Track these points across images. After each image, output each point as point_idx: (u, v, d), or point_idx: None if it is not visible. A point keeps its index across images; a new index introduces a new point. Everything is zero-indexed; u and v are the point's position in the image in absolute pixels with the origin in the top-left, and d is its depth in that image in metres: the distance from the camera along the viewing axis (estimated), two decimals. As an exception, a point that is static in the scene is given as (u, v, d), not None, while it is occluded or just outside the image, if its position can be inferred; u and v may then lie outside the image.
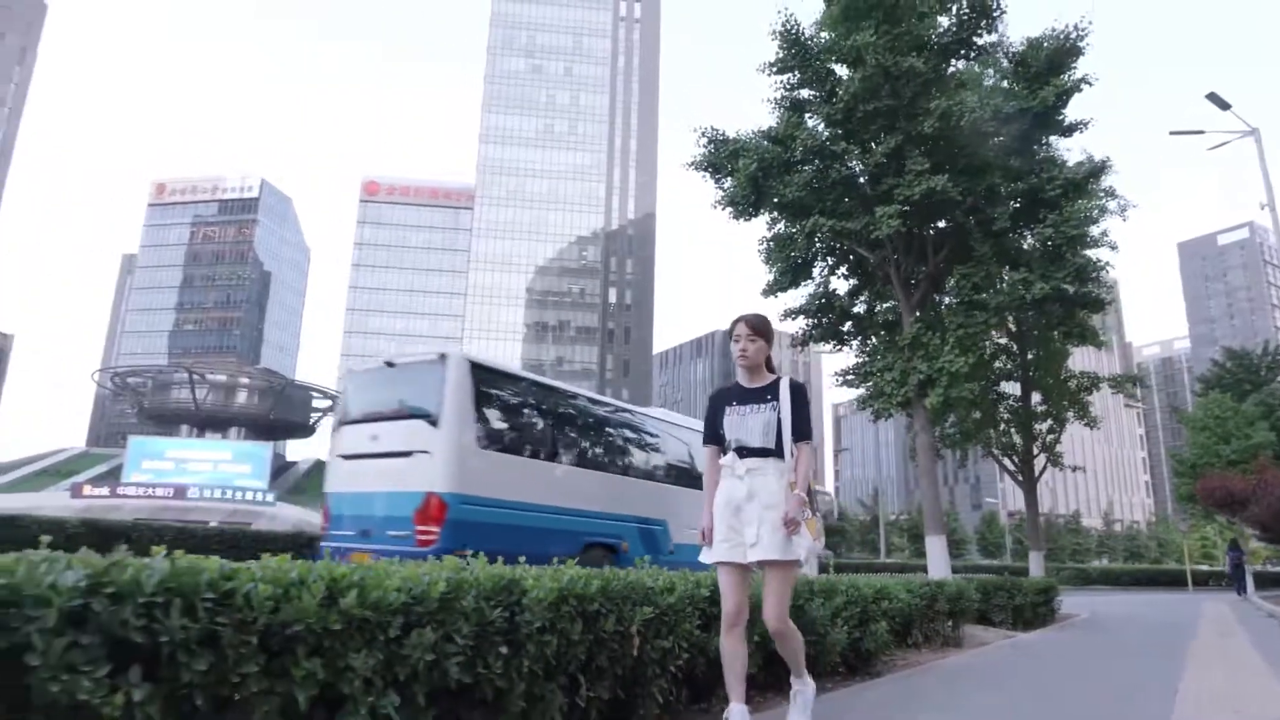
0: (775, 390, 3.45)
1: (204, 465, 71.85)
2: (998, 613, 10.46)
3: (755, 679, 4.39)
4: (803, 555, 3.23)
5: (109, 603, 1.73)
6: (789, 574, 3.28)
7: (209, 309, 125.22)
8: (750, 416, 3.42)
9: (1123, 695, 4.97)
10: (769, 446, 3.37)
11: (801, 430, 3.39)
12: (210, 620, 1.89)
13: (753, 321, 3.54)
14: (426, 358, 8.05)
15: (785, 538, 3.20)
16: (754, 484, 3.32)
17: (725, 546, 3.29)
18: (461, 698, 2.54)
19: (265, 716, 1.97)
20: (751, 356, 3.52)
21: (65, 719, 1.63)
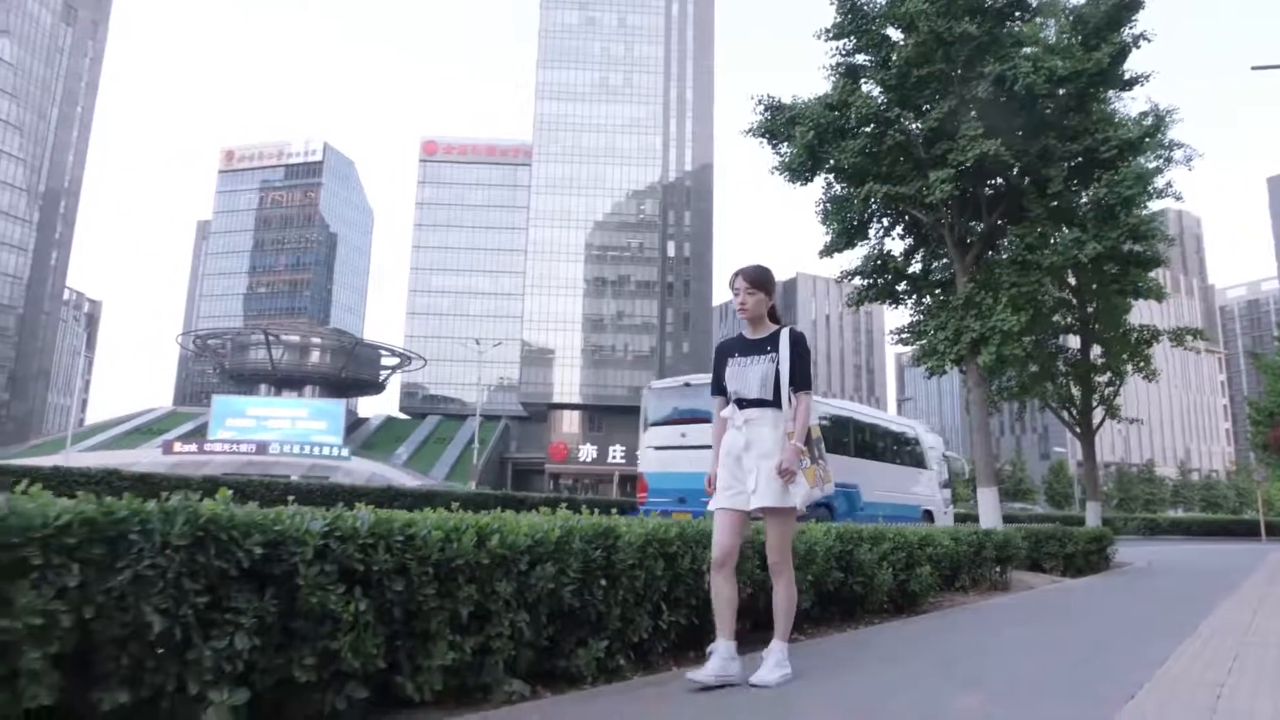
0: (775, 341, 3.52)
1: (283, 422, 75.20)
2: (1048, 560, 10.91)
3: (809, 613, 5.05)
4: (799, 503, 3.34)
5: (339, 542, 2.46)
6: (786, 520, 3.39)
7: (280, 272, 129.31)
8: (750, 368, 3.50)
9: (1142, 629, 5.49)
10: (766, 397, 3.44)
11: (800, 380, 3.47)
12: (401, 555, 2.61)
13: (750, 275, 3.60)
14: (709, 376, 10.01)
15: (782, 486, 3.30)
16: (751, 434, 3.43)
17: (728, 495, 3.41)
18: (573, 618, 3.26)
19: (438, 625, 2.70)
20: (751, 309, 3.60)
21: (318, 620, 2.37)
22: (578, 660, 3.24)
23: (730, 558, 3.35)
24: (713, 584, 3.37)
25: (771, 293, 3.63)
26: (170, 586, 2.06)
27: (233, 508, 2.26)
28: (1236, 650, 4.47)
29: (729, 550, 3.34)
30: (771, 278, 3.66)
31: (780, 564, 3.43)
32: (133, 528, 2.03)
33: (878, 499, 12.81)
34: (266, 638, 2.27)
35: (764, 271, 3.65)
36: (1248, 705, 3.07)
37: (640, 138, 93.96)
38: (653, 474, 12.20)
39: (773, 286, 3.64)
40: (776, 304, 3.68)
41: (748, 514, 3.43)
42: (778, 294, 3.68)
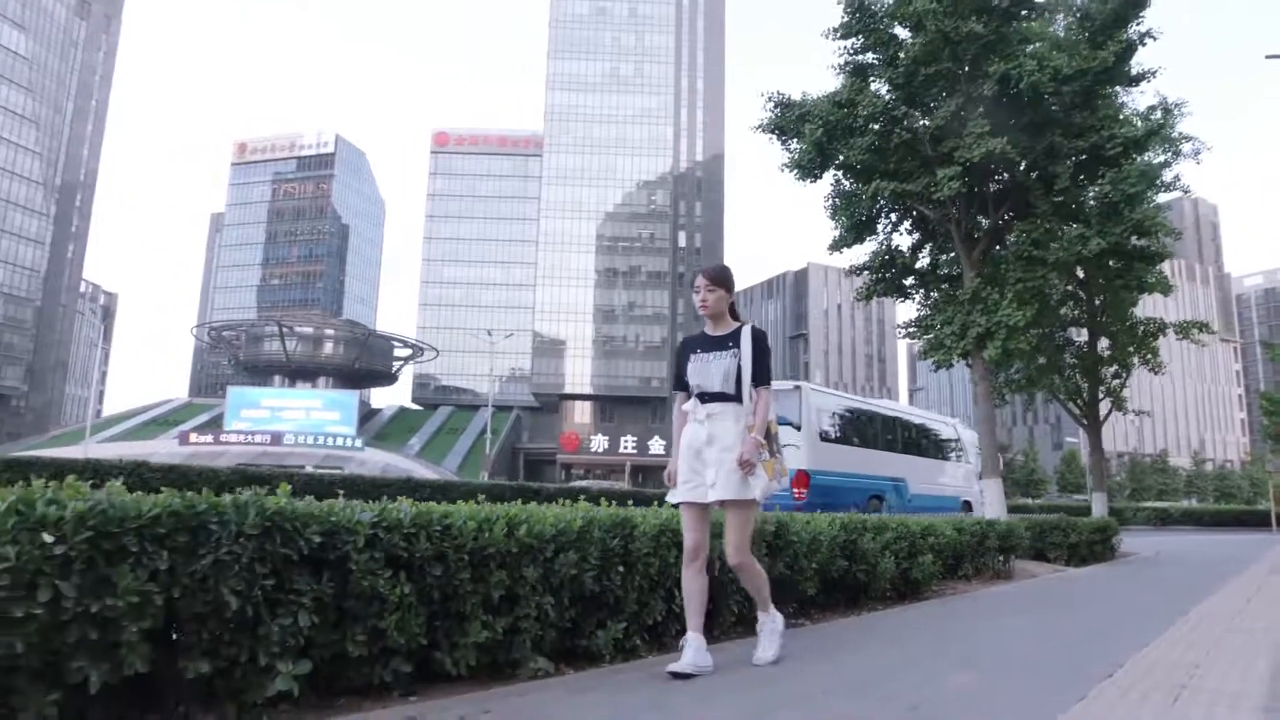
0: (737, 338, 3.61)
1: (297, 413, 75.85)
2: (1053, 550, 11.12)
3: (815, 599, 5.32)
4: (758, 495, 3.43)
5: (386, 532, 2.74)
6: (746, 513, 3.47)
7: (292, 263, 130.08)
8: (712, 363, 3.58)
9: (1137, 616, 5.72)
10: (728, 392, 3.53)
11: (760, 376, 3.56)
12: (440, 544, 2.89)
13: (711, 273, 3.71)
14: (785, 386, 12.83)
15: (741, 478, 3.38)
16: (713, 428, 3.51)
17: (687, 488, 3.50)
18: (593, 601, 3.54)
19: (472, 606, 2.98)
20: (712, 306, 3.67)
21: (368, 601, 2.65)
22: (597, 640, 3.52)
23: (702, 550, 3.46)
24: (684, 577, 3.47)
25: (731, 290, 3.73)
26: (244, 570, 2.34)
27: (294, 501, 2.54)
28: (1220, 635, 4.71)
29: (699, 543, 3.45)
30: (731, 276, 3.76)
31: (742, 556, 3.48)
32: (212, 519, 2.31)
33: (923, 491, 14.38)
34: (324, 616, 2.55)
35: (724, 270, 3.77)
36: (1217, 684, 3.32)
37: (651, 128, 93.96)
38: None
39: (732, 284, 3.74)
40: (736, 301, 3.76)
41: (708, 507, 3.49)
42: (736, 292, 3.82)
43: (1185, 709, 2.86)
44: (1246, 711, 2.82)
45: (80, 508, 2.07)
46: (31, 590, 1.98)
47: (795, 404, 12.64)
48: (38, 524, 2.02)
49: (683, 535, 3.54)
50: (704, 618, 3.42)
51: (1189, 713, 2.80)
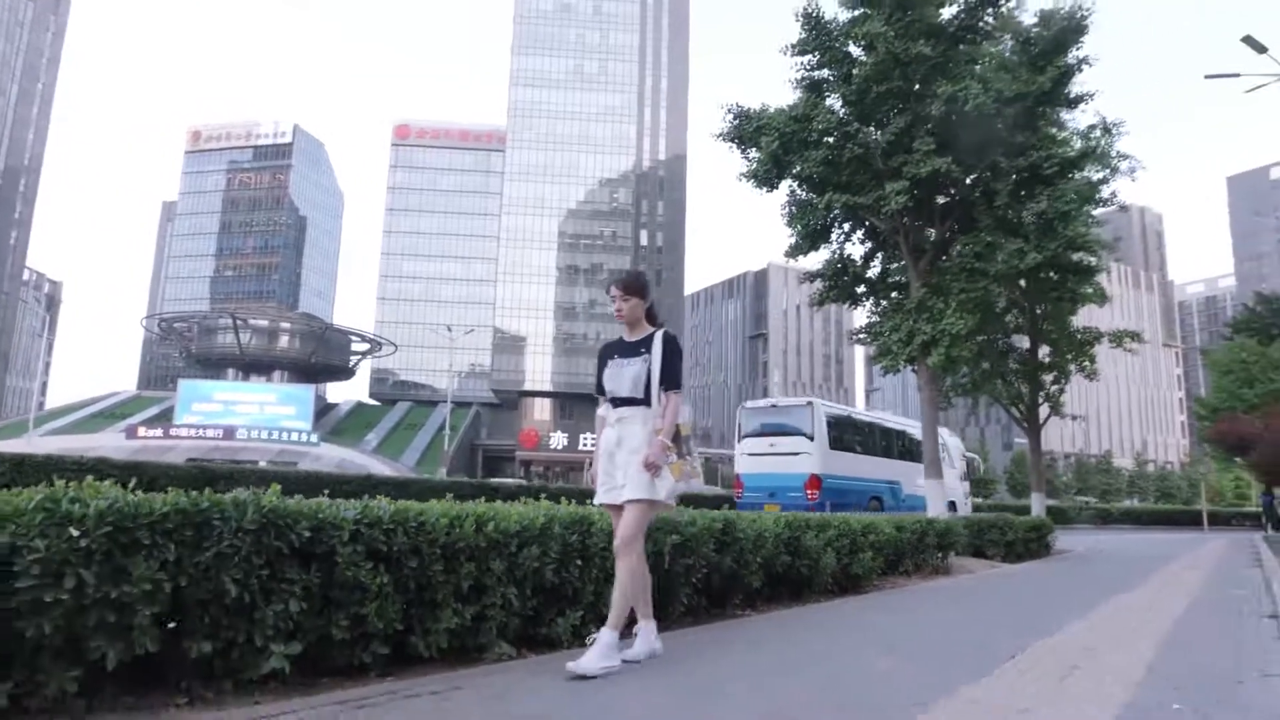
0: (650, 343, 3.70)
1: (251, 407, 74.54)
2: (991, 547, 11.69)
3: (760, 591, 5.69)
4: (663, 495, 3.52)
5: (368, 528, 3.03)
6: (644, 510, 3.53)
7: (248, 255, 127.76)
8: (625, 369, 3.68)
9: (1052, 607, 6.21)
10: (637, 396, 3.63)
11: (670, 380, 3.65)
12: (415, 538, 3.19)
13: (624, 282, 3.81)
14: (799, 402, 16.03)
15: (648, 479, 3.47)
16: (623, 431, 3.64)
17: (604, 490, 3.64)
18: (553, 592, 3.86)
19: (444, 595, 3.29)
20: (627, 314, 3.78)
21: (351, 590, 2.95)
22: (557, 628, 3.85)
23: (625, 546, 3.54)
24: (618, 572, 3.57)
25: (646, 297, 3.82)
26: (242, 561, 2.62)
27: (286, 500, 2.83)
28: (1123, 624, 5.19)
29: None
30: (645, 283, 3.86)
31: (624, 547, 3.50)
32: (215, 515, 2.59)
33: (914, 492, 16.20)
34: (311, 603, 2.84)
35: (638, 277, 3.88)
36: (1105, 664, 3.75)
37: (614, 126, 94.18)
38: (748, 475, 16.03)
39: (647, 291, 3.83)
40: (654, 306, 3.86)
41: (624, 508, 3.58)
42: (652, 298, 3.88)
43: (1070, 684, 3.28)
44: (1121, 686, 3.25)
45: (100, 505, 2.34)
46: (58, 578, 2.25)
47: (808, 417, 15.11)
48: (64, 519, 2.28)
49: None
50: (652, 604, 3.60)
51: (1072, 687, 3.22)
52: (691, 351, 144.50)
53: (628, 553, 3.47)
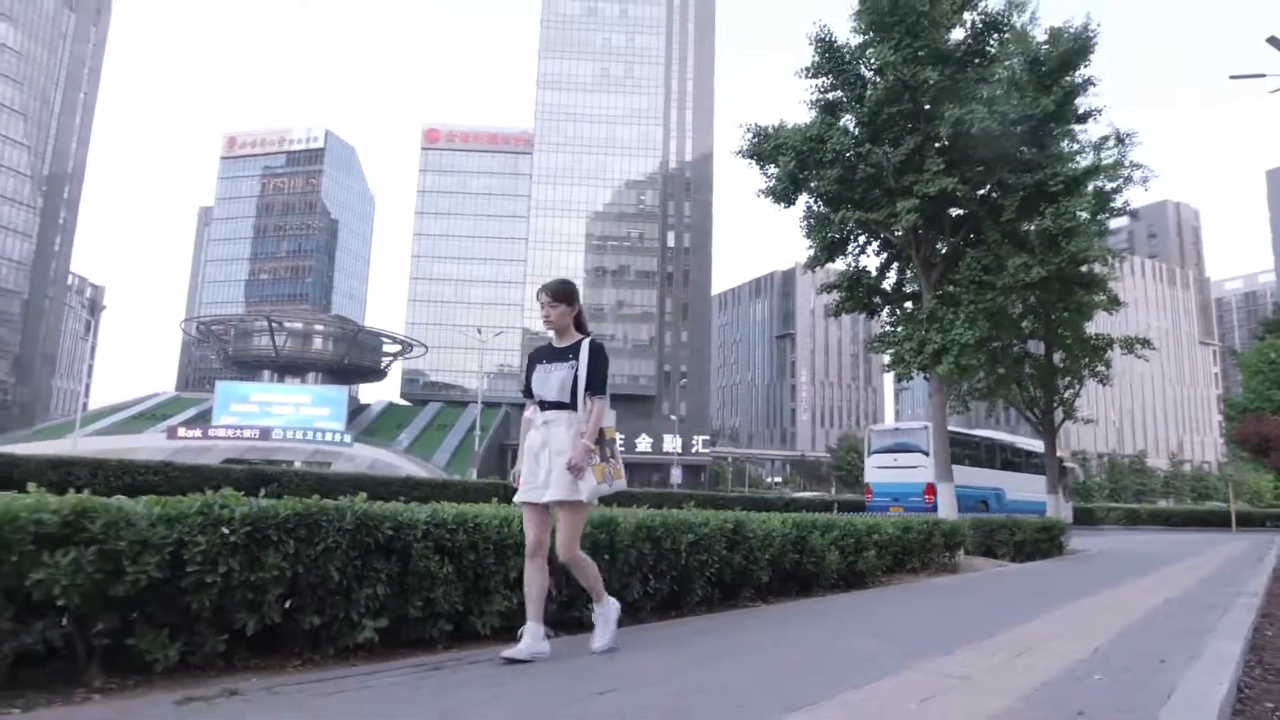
0: (577, 350, 3.87)
1: (286, 408, 76.23)
2: (1000, 547, 12.20)
3: (770, 586, 6.33)
4: (585, 496, 3.68)
5: (436, 527, 3.74)
6: (575, 513, 3.72)
7: (281, 258, 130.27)
8: (552, 374, 3.85)
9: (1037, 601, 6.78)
10: (563, 400, 3.80)
11: (595, 386, 3.81)
12: (472, 536, 3.90)
13: (552, 289, 3.97)
14: (917, 425, 20.19)
15: (571, 481, 3.64)
16: (548, 434, 3.80)
17: (526, 489, 3.78)
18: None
19: (495, 583, 3.99)
20: (555, 321, 3.95)
21: (423, 578, 3.65)
22: (587, 614, 4.52)
23: (541, 548, 3.72)
24: (525, 572, 3.74)
25: (573, 304, 3.99)
26: (342, 554, 3.34)
27: (373, 505, 3.54)
28: (1098, 614, 5.77)
29: (538, 541, 3.71)
30: (573, 291, 4.03)
31: (569, 553, 3.74)
32: (323, 517, 3.31)
33: (1016, 498, 20.63)
34: (393, 588, 3.56)
35: (565, 285, 4.02)
36: (1062, 644, 4.36)
37: (641, 128, 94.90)
38: (876, 484, 20.67)
39: (574, 299, 4.00)
40: (582, 314, 4.05)
41: (546, 507, 3.76)
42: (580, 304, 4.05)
43: (1018, 661, 3.90)
44: (1062, 663, 3.86)
45: (243, 510, 3.07)
46: (214, 565, 2.98)
47: (924, 437, 18.93)
48: (217, 521, 3.01)
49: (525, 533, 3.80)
50: (543, 609, 3.69)
51: (1018, 663, 3.85)
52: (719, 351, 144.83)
53: (573, 556, 3.76)
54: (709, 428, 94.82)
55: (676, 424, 79.68)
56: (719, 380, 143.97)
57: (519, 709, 2.79)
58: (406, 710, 2.73)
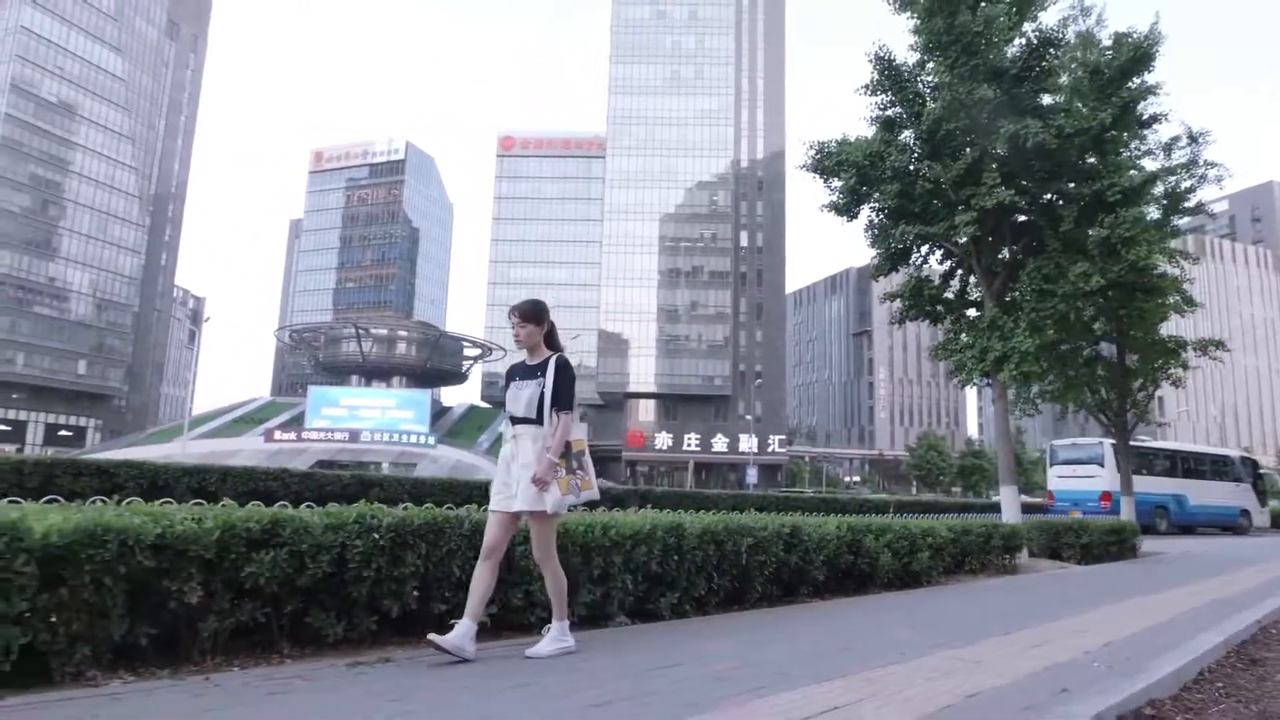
0: (546, 367, 4.10)
1: (373, 411, 79.38)
2: (1066, 549, 12.43)
3: (826, 584, 6.97)
4: (550, 508, 3.89)
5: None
6: (544, 522, 3.95)
7: (367, 266, 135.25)
8: (523, 390, 4.08)
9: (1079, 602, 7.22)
10: (530, 415, 4.02)
11: (561, 402, 4.01)
12: (562, 539, 4.70)
13: (521, 310, 4.20)
14: (1094, 441, 24.19)
15: (536, 493, 3.86)
16: (517, 447, 4.03)
17: (497, 498, 4.02)
18: (657, 579, 5.31)
19: (582, 579, 4.79)
20: (525, 340, 4.19)
21: (522, 574, 4.47)
22: (660, 606, 5.29)
23: (495, 551, 3.93)
24: (476, 571, 3.93)
25: (542, 323, 4.21)
26: (461, 554, 4.19)
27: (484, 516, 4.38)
28: (1133, 614, 6.23)
29: (494, 545, 3.93)
30: (542, 310, 4.25)
31: (543, 559, 4.02)
32: (446, 525, 4.16)
33: (1201, 503, 23.82)
34: (501, 584, 4.38)
35: (534, 306, 4.25)
36: (1082, 639, 4.91)
37: (712, 129, 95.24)
38: (1058, 490, 24.14)
39: (543, 318, 4.21)
40: (554, 331, 4.28)
41: (514, 516, 3.99)
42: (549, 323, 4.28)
43: (1032, 651, 4.48)
44: (1070, 654, 4.43)
45: (389, 520, 3.94)
46: (368, 563, 3.85)
47: (1100, 452, 22.90)
48: (370, 528, 3.89)
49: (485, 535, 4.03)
50: (482, 609, 3.90)
51: (1031, 652, 4.43)
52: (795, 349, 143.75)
53: (547, 562, 4.03)
54: (785, 427, 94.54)
55: (752, 424, 79.91)
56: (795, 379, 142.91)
57: (598, 675, 3.57)
58: (514, 673, 3.55)
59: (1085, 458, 23.75)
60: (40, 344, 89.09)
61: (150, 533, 3.23)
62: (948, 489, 79.36)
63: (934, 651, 4.32)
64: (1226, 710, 3.30)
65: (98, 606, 3.13)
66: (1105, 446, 22.33)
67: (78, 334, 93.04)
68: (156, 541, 3.25)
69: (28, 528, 2.95)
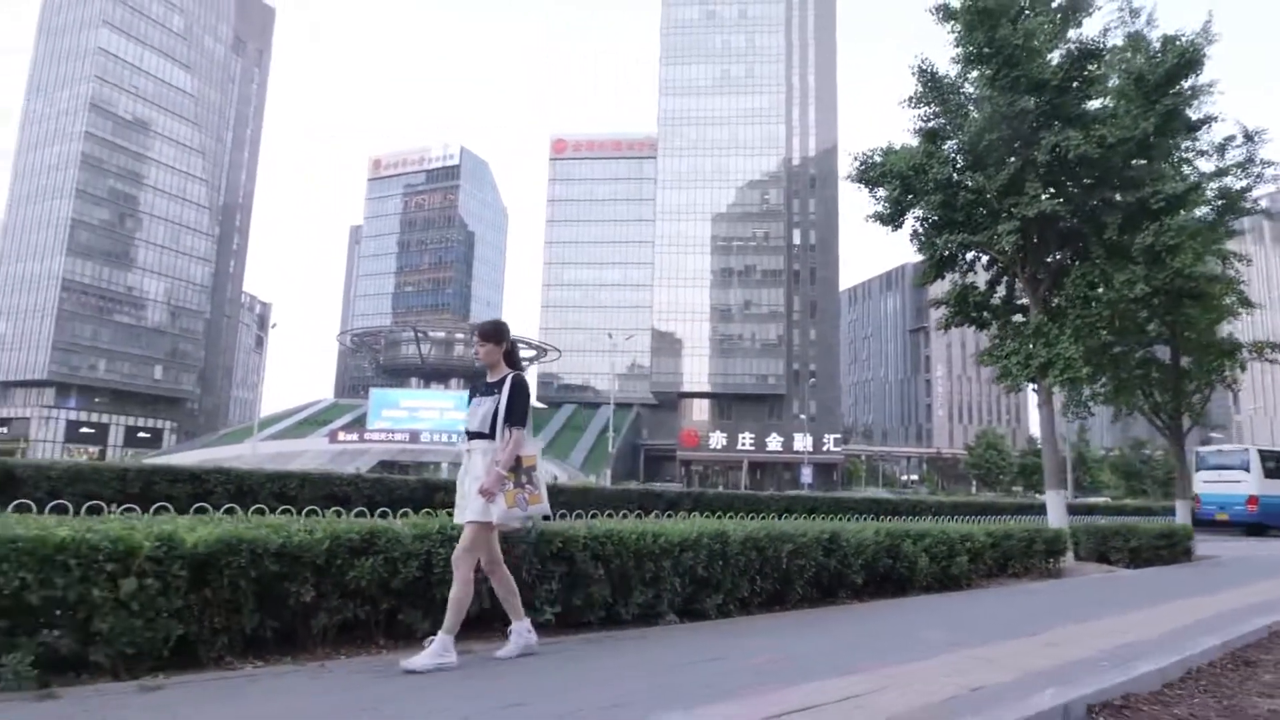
0: (502, 385, 4.27)
1: (432, 413, 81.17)
2: (1115, 553, 12.55)
3: (865, 588, 7.39)
4: (496, 519, 4.06)
5: (591, 540, 5.13)
6: (480, 531, 4.09)
7: (424, 270, 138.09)
8: (480, 406, 4.27)
9: (1114, 605, 7.50)
10: (483, 431, 4.21)
11: (514, 418, 4.17)
12: (618, 546, 5.25)
13: (481, 330, 4.44)
14: (1240, 448, 27.73)
15: (484, 504, 4.03)
16: (470, 461, 4.24)
17: (456, 510, 4.30)
18: (703, 582, 5.83)
19: (635, 582, 5.34)
20: (484, 358, 4.40)
21: (584, 578, 5.04)
22: (706, 606, 5.81)
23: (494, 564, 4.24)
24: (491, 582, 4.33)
25: (501, 342, 4.40)
26: (529, 559, 4.77)
27: (549, 525, 4.96)
28: (1164, 617, 6.53)
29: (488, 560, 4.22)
30: (501, 330, 4.45)
31: (457, 561, 4.10)
32: (515, 536, 4.74)
33: None
34: (563, 584, 4.96)
35: (494, 326, 4.45)
36: (1102, 640, 5.27)
37: (763, 127, 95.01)
38: (1205, 495, 24.92)
39: (502, 337, 4.41)
40: (514, 351, 4.46)
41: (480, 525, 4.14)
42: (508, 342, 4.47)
43: (1050, 650, 4.88)
44: (1084, 651, 4.81)
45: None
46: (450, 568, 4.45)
47: (1246, 458, 24.86)
48: (451, 538, 4.50)
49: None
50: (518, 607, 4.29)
51: (1047, 650, 4.83)
52: (850, 347, 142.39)
53: (460, 567, 4.07)
54: (840, 425, 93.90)
55: (806, 423, 79.65)
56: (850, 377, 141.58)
57: (655, 664, 4.11)
58: (575, 661, 4.11)
59: (1232, 464, 25.46)
60: (120, 350, 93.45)
61: (274, 542, 3.88)
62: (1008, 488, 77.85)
63: (954, 650, 4.75)
64: (1197, 705, 3.69)
65: (233, 604, 3.80)
66: (1252, 453, 25.03)
67: (154, 340, 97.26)
68: (279, 550, 3.90)
69: (180, 539, 3.62)
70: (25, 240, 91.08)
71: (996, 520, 16.33)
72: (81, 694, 3.16)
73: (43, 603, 3.26)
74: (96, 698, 3.12)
